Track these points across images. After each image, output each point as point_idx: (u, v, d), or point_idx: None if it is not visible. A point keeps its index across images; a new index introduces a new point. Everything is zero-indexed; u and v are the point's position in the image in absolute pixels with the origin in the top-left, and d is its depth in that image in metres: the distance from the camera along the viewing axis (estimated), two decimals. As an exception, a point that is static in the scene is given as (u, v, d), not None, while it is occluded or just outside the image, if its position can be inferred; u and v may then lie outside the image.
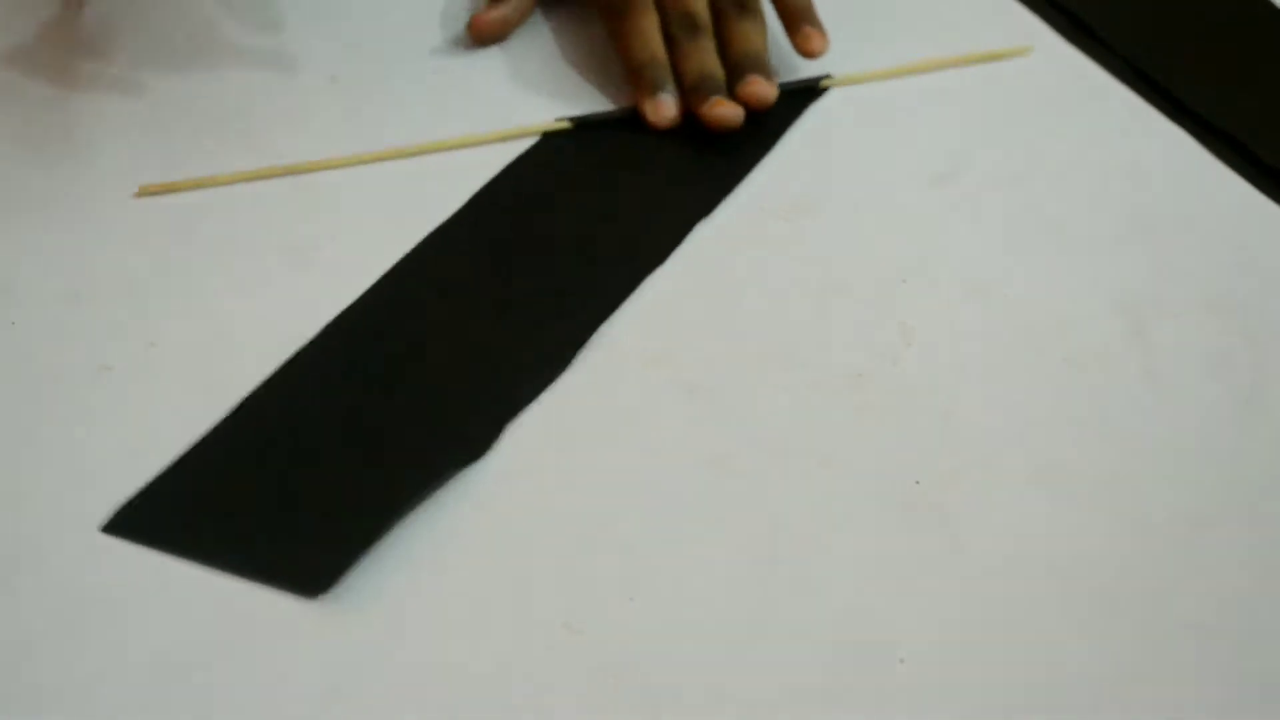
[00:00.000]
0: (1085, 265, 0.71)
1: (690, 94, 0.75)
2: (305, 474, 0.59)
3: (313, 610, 0.55)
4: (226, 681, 0.53)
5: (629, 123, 0.75)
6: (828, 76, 0.78)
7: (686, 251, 0.70)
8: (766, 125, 0.75)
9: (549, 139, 0.74)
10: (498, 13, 0.78)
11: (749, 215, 0.72)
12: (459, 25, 0.79)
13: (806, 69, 0.79)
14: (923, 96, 0.79)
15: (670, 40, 0.77)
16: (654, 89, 0.75)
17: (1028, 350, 0.67)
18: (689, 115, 0.75)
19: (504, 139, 0.74)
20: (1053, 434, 0.64)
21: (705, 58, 0.76)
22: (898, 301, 0.68)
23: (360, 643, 0.55)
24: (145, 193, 0.69)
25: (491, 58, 0.78)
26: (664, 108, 0.75)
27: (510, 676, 0.54)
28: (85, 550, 0.57)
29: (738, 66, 0.76)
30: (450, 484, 0.59)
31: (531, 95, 0.76)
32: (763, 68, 0.76)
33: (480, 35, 0.78)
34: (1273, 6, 0.85)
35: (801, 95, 0.77)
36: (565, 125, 0.74)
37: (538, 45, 0.79)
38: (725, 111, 0.74)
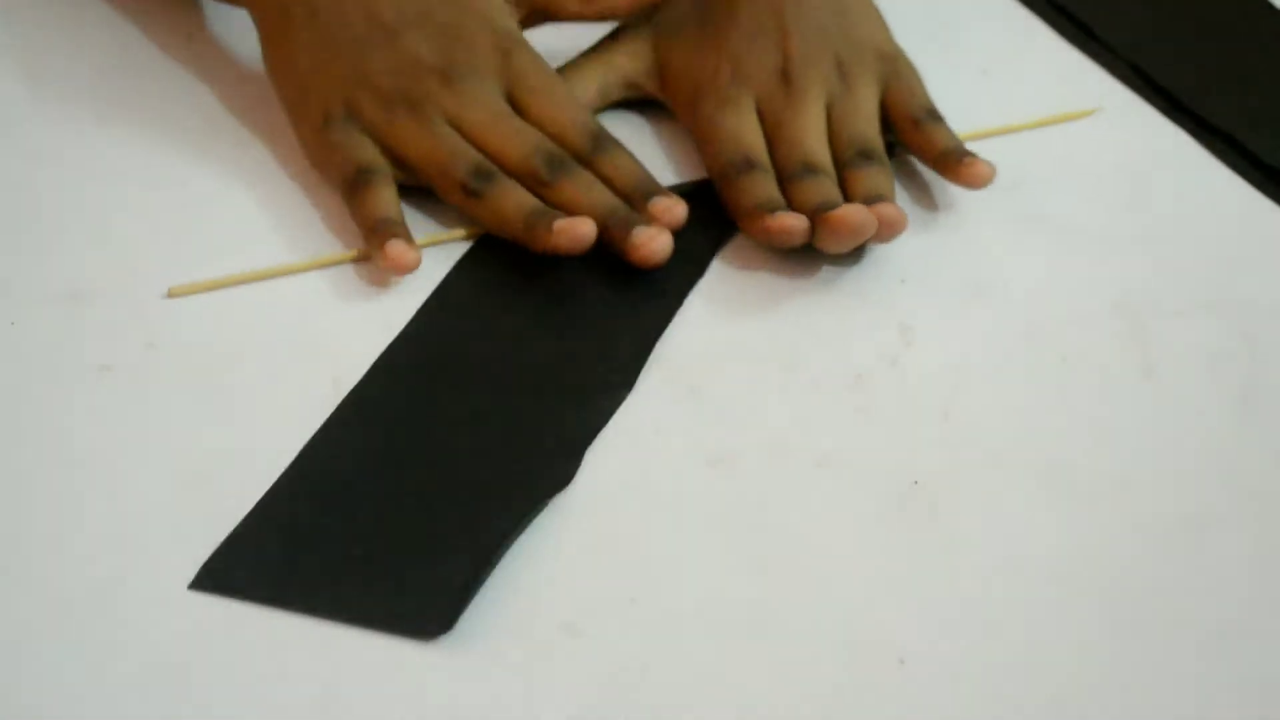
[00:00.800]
0: (1085, 265, 0.71)
1: (813, 216, 0.68)
2: (393, 512, 0.58)
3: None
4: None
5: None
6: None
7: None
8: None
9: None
10: (414, 255, 0.67)
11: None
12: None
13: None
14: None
15: (787, 182, 0.70)
16: (771, 209, 0.68)
17: (1028, 350, 0.67)
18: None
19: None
20: (1052, 434, 0.64)
21: (825, 193, 0.69)
22: (898, 301, 0.68)
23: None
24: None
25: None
26: (784, 219, 0.67)
27: (510, 676, 0.54)
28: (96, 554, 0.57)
29: (867, 200, 0.69)
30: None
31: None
32: (891, 196, 0.70)
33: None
34: (1272, 6, 0.85)
35: None
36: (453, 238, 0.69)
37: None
38: (858, 219, 0.67)
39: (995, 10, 0.85)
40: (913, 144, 0.73)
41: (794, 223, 0.67)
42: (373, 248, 0.67)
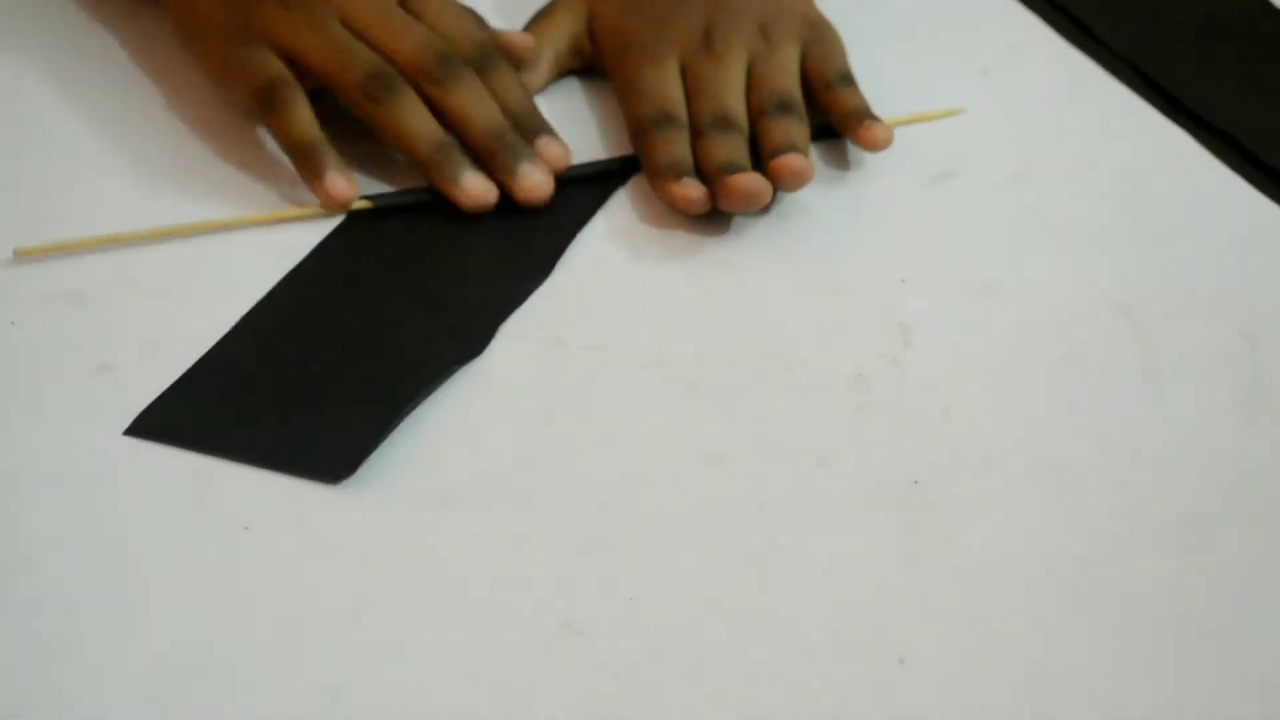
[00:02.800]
0: (1085, 265, 0.71)
1: (712, 179, 0.70)
2: (315, 374, 0.63)
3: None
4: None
5: (435, 199, 0.70)
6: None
7: (687, 248, 0.70)
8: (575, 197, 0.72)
9: (355, 218, 0.70)
10: (352, 190, 0.69)
11: (748, 213, 0.72)
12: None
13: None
14: (921, 93, 0.79)
15: (699, 136, 0.72)
16: (677, 175, 0.70)
17: (1028, 350, 0.67)
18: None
19: (303, 218, 0.69)
20: (1052, 434, 0.64)
21: (736, 151, 0.71)
22: (898, 301, 0.68)
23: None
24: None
25: None
26: (690, 189, 0.70)
27: (510, 676, 0.54)
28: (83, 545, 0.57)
29: (775, 153, 0.71)
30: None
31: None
32: (802, 150, 0.71)
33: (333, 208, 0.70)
34: (1272, 6, 0.85)
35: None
36: (368, 205, 0.70)
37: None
38: (753, 186, 0.69)
39: (995, 10, 0.85)
40: (823, 104, 0.75)
41: (695, 193, 0.70)
42: (307, 175, 0.69)
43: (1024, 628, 0.57)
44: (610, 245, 0.70)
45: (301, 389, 0.63)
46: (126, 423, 0.61)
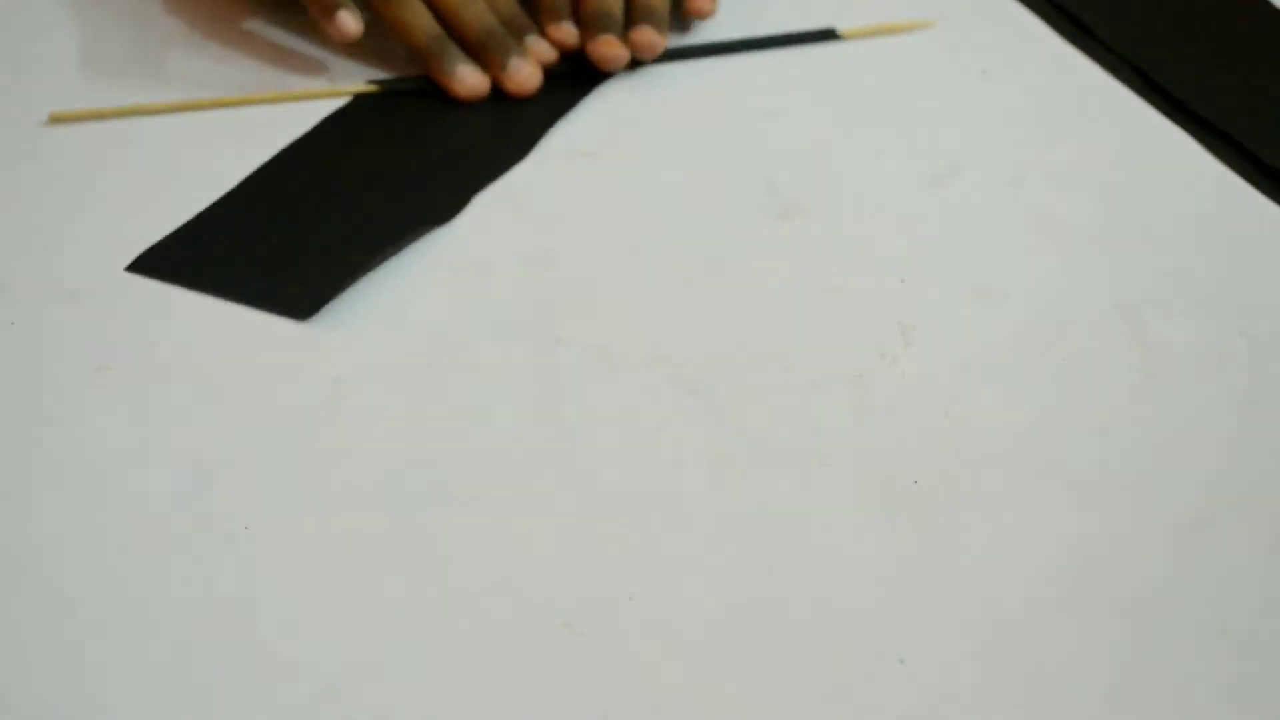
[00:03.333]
0: (1085, 265, 0.71)
1: (584, 29, 0.79)
2: (298, 230, 0.70)
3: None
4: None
5: (431, 91, 0.78)
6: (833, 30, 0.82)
7: (686, 250, 0.70)
8: (561, 87, 0.79)
9: (360, 100, 0.78)
10: (358, 25, 0.78)
11: (749, 214, 0.72)
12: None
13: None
14: (921, 93, 0.79)
15: None
16: (557, 18, 0.79)
17: (1028, 350, 0.67)
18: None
19: (313, 97, 0.77)
20: (1053, 434, 0.64)
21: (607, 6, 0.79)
22: (898, 301, 0.68)
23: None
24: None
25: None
26: (565, 33, 0.79)
27: (509, 676, 0.54)
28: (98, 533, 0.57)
29: (632, 16, 0.79)
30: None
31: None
32: (657, 22, 0.79)
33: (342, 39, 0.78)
34: (1273, 6, 0.85)
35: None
36: (374, 89, 0.78)
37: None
38: (614, 52, 0.78)
39: (995, 10, 0.85)
40: None
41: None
42: (319, 12, 0.77)
43: (1024, 628, 0.57)
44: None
45: (285, 241, 0.70)
46: (126, 422, 0.61)
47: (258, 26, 0.80)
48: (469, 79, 0.77)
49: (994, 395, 0.65)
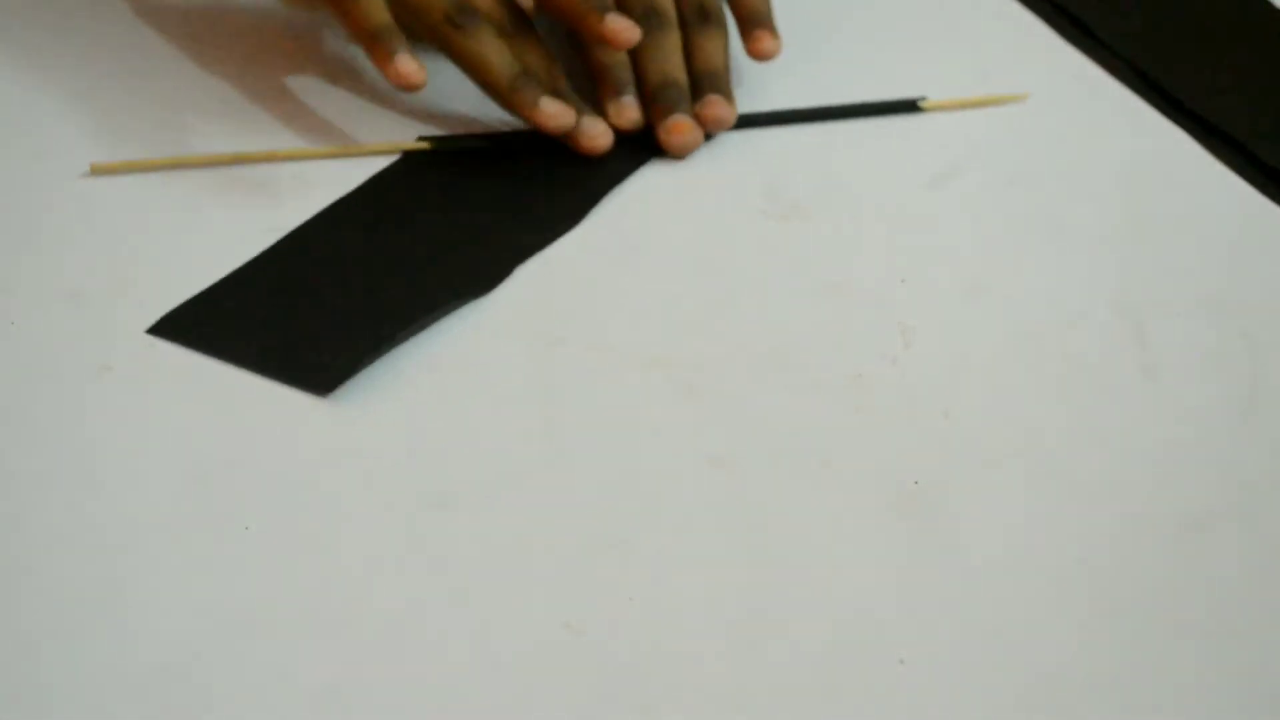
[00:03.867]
0: (1085, 265, 0.71)
1: (651, 104, 0.74)
2: (327, 297, 0.67)
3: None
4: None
5: (492, 146, 0.74)
6: (923, 98, 0.78)
7: (686, 250, 0.70)
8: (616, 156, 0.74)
9: (410, 157, 0.73)
10: (422, 74, 0.73)
11: (749, 214, 0.72)
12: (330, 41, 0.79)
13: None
14: (920, 93, 0.79)
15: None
16: (617, 91, 0.74)
17: (1027, 350, 0.67)
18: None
19: (361, 154, 0.73)
20: (1052, 433, 0.64)
21: (670, 59, 0.75)
22: (897, 301, 0.68)
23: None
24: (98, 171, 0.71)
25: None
26: (628, 110, 0.74)
27: (509, 676, 0.54)
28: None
29: (698, 84, 0.75)
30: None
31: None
32: (724, 88, 0.75)
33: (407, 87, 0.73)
34: (1272, 6, 0.85)
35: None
36: (425, 145, 0.73)
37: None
38: (687, 138, 0.74)
39: (995, 10, 0.85)
40: (731, 4, 0.77)
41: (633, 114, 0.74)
42: (379, 58, 0.72)
43: (1024, 628, 0.57)
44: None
45: (312, 310, 0.66)
46: (126, 422, 0.61)
47: (306, 79, 0.77)
48: (553, 109, 0.72)
49: (994, 395, 0.65)
